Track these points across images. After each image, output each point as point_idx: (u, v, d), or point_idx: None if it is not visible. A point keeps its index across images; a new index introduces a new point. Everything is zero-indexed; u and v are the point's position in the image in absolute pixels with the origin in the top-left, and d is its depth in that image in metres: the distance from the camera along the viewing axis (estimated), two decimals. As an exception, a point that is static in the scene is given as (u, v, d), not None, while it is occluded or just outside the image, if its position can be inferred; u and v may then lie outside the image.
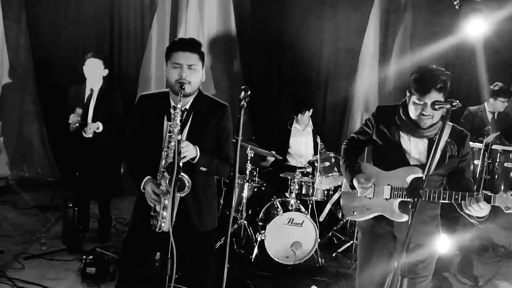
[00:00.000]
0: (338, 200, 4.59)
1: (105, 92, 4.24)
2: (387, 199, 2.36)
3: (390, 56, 6.25)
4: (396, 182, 2.34)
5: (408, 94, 2.30)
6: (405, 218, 2.29)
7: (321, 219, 4.22)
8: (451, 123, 2.36)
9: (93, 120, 4.16)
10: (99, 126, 4.12)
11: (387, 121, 2.40)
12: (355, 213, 2.51)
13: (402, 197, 2.32)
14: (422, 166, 2.29)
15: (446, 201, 2.21)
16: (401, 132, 2.36)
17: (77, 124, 4.01)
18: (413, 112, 2.26)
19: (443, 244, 3.82)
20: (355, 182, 2.40)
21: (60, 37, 5.86)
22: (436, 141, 2.01)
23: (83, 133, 4.08)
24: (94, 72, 4.17)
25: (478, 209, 2.10)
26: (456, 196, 2.16)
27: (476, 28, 5.26)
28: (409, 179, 2.30)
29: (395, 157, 2.35)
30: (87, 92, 4.21)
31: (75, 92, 4.27)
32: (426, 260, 2.37)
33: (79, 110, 4.02)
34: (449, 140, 2.29)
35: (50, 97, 5.83)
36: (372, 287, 2.50)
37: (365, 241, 2.54)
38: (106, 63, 4.30)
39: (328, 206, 4.36)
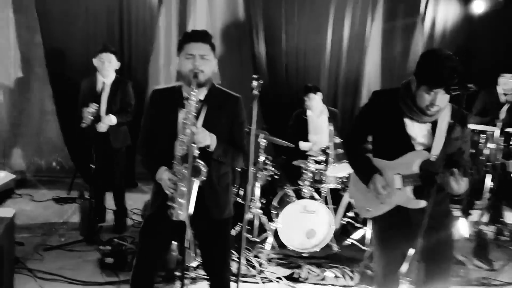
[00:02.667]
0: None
1: (117, 85, 4.27)
2: (399, 189, 2.29)
3: (394, 38, 6.19)
4: (405, 170, 2.26)
5: (416, 81, 2.17)
6: (422, 204, 2.22)
7: (337, 226, 4.20)
8: (450, 103, 2.25)
9: (107, 113, 4.20)
10: (112, 119, 4.16)
11: (387, 106, 2.29)
12: (370, 210, 2.43)
13: (414, 183, 2.25)
14: (428, 150, 2.23)
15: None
16: (404, 118, 2.26)
17: (91, 118, 4.04)
18: (421, 101, 2.15)
19: (464, 228, 3.82)
20: (372, 187, 2.31)
21: (70, 31, 5.88)
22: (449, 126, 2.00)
23: (97, 128, 4.12)
24: (106, 66, 4.19)
25: (457, 187, 2.09)
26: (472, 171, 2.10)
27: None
28: (418, 163, 2.24)
29: (400, 144, 2.27)
30: (99, 86, 4.24)
31: (87, 85, 4.30)
32: (446, 243, 2.36)
33: (93, 106, 4.04)
34: (452, 121, 2.20)
35: (63, 91, 5.88)
36: (391, 275, 2.48)
37: (380, 232, 2.46)
38: (118, 56, 4.33)
39: (341, 211, 4.34)
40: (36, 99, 6.19)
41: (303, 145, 4.83)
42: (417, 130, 2.26)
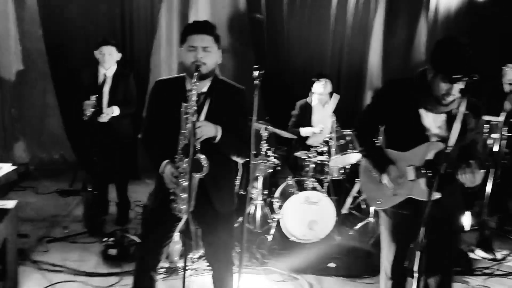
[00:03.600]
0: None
1: (119, 76, 4.27)
2: (413, 181, 2.26)
3: (397, 28, 6.15)
4: (419, 161, 2.23)
5: (432, 69, 2.13)
6: (436, 195, 2.14)
7: (344, 211, 4.19)
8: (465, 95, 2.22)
9: (109, 105, 4.19)
10: (115, 111, 4.16)
11: (402, 96, 2.25)
12: (380, 202, 2.40)
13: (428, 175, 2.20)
14: (443, 141, 2.20)
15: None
16: (419, 109, 2.23)
17: (92, 110, 4.03)
18: (438, 90, 2.11)
19: (467, 220, 3.82)
20: (386, 178, 2.30)
21: (71, 24, 5.86)
22: (457, 114, 1.97)
23: (98, 119, 4.11)
24: (107, 58, 4.18)
25: (473, 179, 2.07)
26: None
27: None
28: (433, 154, 2.20)
29: (414, 135, 2.23)
30: (101, 77, 4.24)
31: (89, 76, 4.27)
32: (455, 235, 2.35)
33: (93, 98, 4.03)
34: (467, 112, 2.18)
35: (64, 83, 5.87)
36: (399, 267, 2.46)
37: (390, 224, 2.41)
38: (119, 48, 4.31)
39: (349, 200, 4.33)
40: (38, 92, 6.18)
41: (304, 130, 4.78)
42: (432, 121, 2.23)
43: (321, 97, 4.79)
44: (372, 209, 4.30)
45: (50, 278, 3.23)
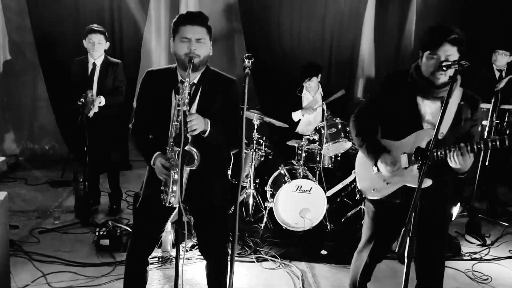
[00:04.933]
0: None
1: (108, 66, 4.23)
2: (406, 168, 2.30)
3: (388, 16, 6.14)
4: (412, 149, 2.27)
5: (420, 52, 2.23)
6: (428, 182, 2.20)
7: (328, 195, 4.21)
8: (462, 88, 2.29)
9: (97, 94, 4.16)
10: (102, 100, 4.12)
11: (400, 87, 2.32)
12: (375, 191, 2.43)
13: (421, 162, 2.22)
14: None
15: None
16: (417, 96, 2.28)
17: (82, 100, 4.00)
18: (426, 69, 2.18)
19: (455, 210, 3.87)
20: (381, 165, 2.31)
21: (60, 14, 5.76)
22: (445, 100, 1.94)
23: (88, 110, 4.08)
24: (96, 47, 4.14)
25: (464, 164, 2.10)
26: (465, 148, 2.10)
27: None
28: (425, 142, 2.23)
29: (410, 124, 2.28)
30: (90, 67, 4.20)
31: (78, 67, 4.26)
32: (443, 225, 2.40)
33: (89, 93, 4.01)
34: (462, 102, 2.23)
35: (54, 74, 5.80)
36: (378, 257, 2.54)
37: (379, 214, 2.46)
38: (107, 36, 4.26)
39: (339, 186, 4.34)
40: (27, 83, 6.11)
41: (295, 115, 4.82)
42: (427, 108, 2.28)
43: (312, 90, 4.86)
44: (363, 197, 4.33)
45: (43, 269, 3.23)
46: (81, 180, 4.22)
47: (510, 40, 4.92)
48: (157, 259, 3.44)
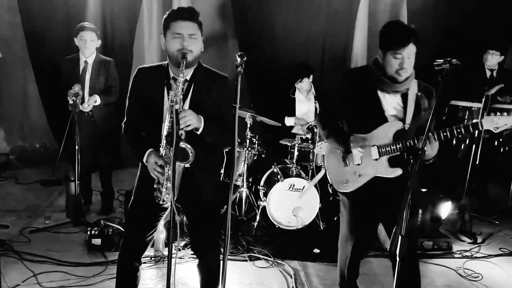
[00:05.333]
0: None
1: (100, 64, 4.19)
2: (376, 159, 2.39)
3: (378, 15, 6.16)
4: (381, 141, 2.37)
5: (380, 51, 2.31)
6: (398, 172, 2.34)
7: (312, 183, 4.23)
8: (416, 80, 2.40)
9: (90, 93, 4.13)
10: (97, 100, 4.09)
11: (360, 83, 2.40)
12: (347, 184, 2.50)
13: (390, 153, 2.36)
14: (401, 121, 2.37)
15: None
16: (378, 91, 2.37)
17: (74, 98, 3.95)
18: (390, 68, 2.27)
19: (445, 208, 3.89)
20: (353, 144, 2.38)
21: (50, 11, 5.70)
22: (438, 94, 2.04)
23: (81, 108, 4.04)
24: (87, 44, 4.10)
25: (430, 151, 2.20)
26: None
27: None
28: (392, 133, 2.35)
29: (374, 117, 2.38)
30: (82, 65, 4.16)
31: (69, 65, 4.21)
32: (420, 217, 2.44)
33: (75, 87, 3.96)
34: (419, 93, 2.35)
35: (45, 72, 5.75)
36: (358, 256, 2.60)
37: (354, 206, 2.53)
38: (98, 34, 4.22)
39: (320, 174, 4.34)
40: (18, 81, 6.06)
41: (288, 120, 4.83)
42: (389, 103, 2.39)
43: (304, 91, 4.87)
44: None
45: (34, 269, 3.20)
46: (73, 179, 4.18)
47: (501, 41, 4.95)
48: (149, 258, 3.43)
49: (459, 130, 2.20)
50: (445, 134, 2.22)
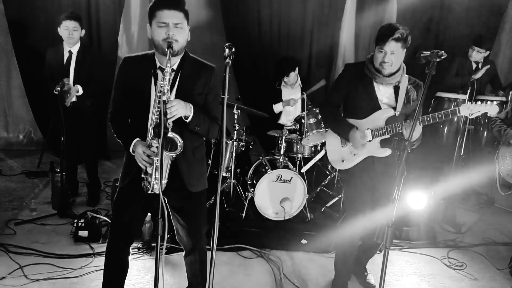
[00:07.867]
0: (324, 156, 4.65)
1: (84, 54, 4.13)
2: (370, 141, 2.74)
3: (366, 8, 6.17)
4: (374, 125, 2.72)
5: (374, 46, 2.66)
6: (388, 152, 2.71)
7: (303, 170, 4.27)
8: (407, 75, 2.72)
9: (75, 83, 4.07)
10: (79, 90, 4.03)
11: (359, 74, 2.74)
12: (344, 161, 2.87)
13: (382, 135, 2.71)
14: (392, 109, 2.71)
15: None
16: (374, 82, 2.70)
17: (58, 89, 3.90)
18: (376, 61, 2.63)
19: (421, 199, 3.95)
20: (352, 137, 2.73)
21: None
22: (425, 86, 2.17)
23: (65, 98, 3.99)
24: (72, 34, 4.03)
25: (405, 133, 2.56)
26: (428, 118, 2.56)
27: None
28: (384, 118, 2.70)
29: (369, 104, 2.72)
30: (66, 55, 4.09)
31: (53, 55, 4.13)
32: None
33: (66, 81, 3.92)
34: (409, 86, 2.71)
35: (29, 62, 5.65)
36: (361, 210, 2.78)
37: (352, 177, 2.84)
38: (82, 23, 4.15)
39: (313, 161, 4.38)
40: (1, 71, 5.93)
41: (276, 107, 4.84)
42: (383, 93, 2.72)
43: (291, 84, 4.87)
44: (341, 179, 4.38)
45: (19, 261, 3.17)
46: (58, 170, 4.13)
47: (485, 39, 5.04)
48: (137, 249, 3.42)
49: (439, 116, 2.52)
50: (428, 119, 2.56)
